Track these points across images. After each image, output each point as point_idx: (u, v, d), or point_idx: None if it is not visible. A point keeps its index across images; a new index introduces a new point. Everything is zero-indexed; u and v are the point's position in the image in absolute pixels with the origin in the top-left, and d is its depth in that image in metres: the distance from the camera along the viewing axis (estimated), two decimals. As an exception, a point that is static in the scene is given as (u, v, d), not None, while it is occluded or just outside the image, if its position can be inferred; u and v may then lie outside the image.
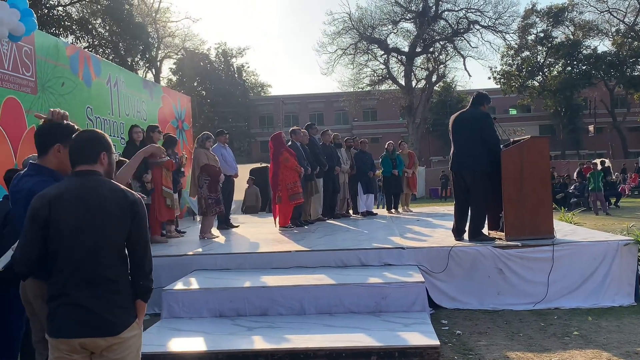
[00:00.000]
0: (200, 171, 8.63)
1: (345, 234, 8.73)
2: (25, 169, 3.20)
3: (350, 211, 12.44)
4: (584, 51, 45.24)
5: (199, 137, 9.02)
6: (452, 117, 7.29)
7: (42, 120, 3.18)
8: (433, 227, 9.24)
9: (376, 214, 12.46)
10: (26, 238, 2.64)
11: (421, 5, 42.61)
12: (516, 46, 46.12)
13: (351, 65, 43.94)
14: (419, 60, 44.96)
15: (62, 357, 2.60)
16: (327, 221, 10.90)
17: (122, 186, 2.78)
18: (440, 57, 44.17)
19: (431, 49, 43.83)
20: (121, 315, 2.64)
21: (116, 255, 2.66)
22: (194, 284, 6.03)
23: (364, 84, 44.69)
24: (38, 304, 2.85)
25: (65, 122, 3.21)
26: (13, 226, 3.09)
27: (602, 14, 46.13)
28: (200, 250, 7.40)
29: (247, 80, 56.26)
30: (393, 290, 5.58)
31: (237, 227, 10.18)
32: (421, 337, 4.69)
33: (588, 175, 19.23)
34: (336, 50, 43.65)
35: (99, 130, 2.88)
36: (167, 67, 50.36)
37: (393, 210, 12.91)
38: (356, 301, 5.59)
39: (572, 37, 45.74)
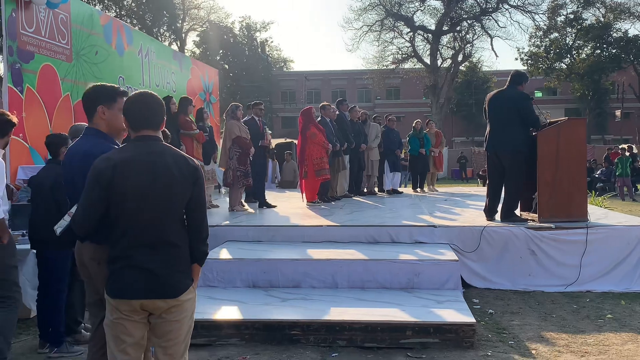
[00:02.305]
0: (232, 143, 8.63)
1: (373, 210, 8.75)
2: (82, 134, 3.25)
3: (376, 188, 12.44)
4: (615, 34, 44.30)
5: (229, 108, 8.87)
6: (489, 96, 7.22)
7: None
8: (463, 206, 9.23)
9: (402, 192, 12.46)
10: (88, 199, 2.68)
11: (450, -18, 41.96)
12: (545, 27, 45.27)
13: (376, 43, 43.56)
14: (445, 39, 44.38)
15: (121, 318, 2.66)
16: (353, 198, 10.93)
17: (183, 152, 2.81)
18: (467, 36, 43.54)
19: (458, 28, 43.21)
20: (181, 279, 2.69)
21: (177, 220, 2.71)
22: (228, 254, 6.11)
23: (389, 62, 44.26)
24: (94, 267, 2.91)
25: (109, 84, 3.25)
26: (68, 189, 3.14)
27: (634, -5, 45.09)
28: (231, 222, 7.46)
29: (270, 55, 56.08)
30: (426, 267, 5.61)
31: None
32: (456, 314, 4.72)
33: (616, 160, 19.00)
34: (362, 26, 43.28)
35: (155, 94, 2.87)
36: (191, 40, 50.28)
37: (419, 189, 12.90)
38: (389, 277, 5.63)
39: (602, 19, 44.77)
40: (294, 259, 5.85)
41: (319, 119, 9.85)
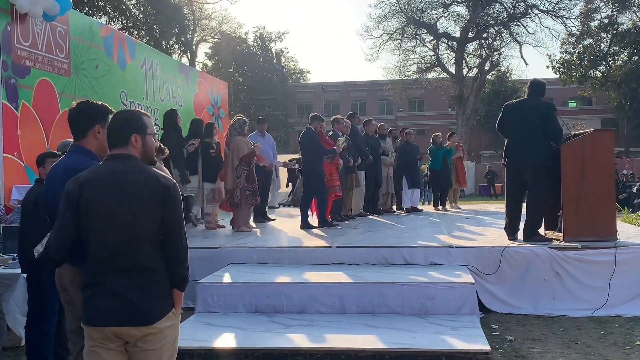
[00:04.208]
0: (240, 161, 8.67)
1: (388, 230, 8.73)
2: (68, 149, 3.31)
3: (394, 207, 12.41)
4: (653, 39, 43.93)
5: (235, 124, 8.90)
6: (508, 106, 7.19)
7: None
8: (484, 225, 9.17)
9: (422, 210, 12.42)
10: (61, 220, 2.74)
11: (475, -13, 42.02)
12: (578, 33, 44.99)
13: (397, 52, 43.61)
14: (471, 47, 44.31)
15: (97, 346, 2.68)
16: (369, 216, 10.91)
17: (157, 170, 2.81)
18: (495, 43, 43.39)
19: (485, 35, 43.12)
20: (157, 305, 2.70)
21: (151, 242, 2.71)
22: (230, 277, 6.12)
23: (411, 72, 44.27)
24: (74, 291, 2.94)
25: (99, 102, 3.30)
26: (48, 207, 3.19)
27: (673, -2, 44.75)
28: (235, 243, 7.48)
29: (286, 67, 56.51)
30: (440, 291, 5.56)
31: (273, 220, 10.27)
32: (470, 341, 4.66)
33: (655, 174, 18.76)
34: (382, 34, 43.35)
35: (138, 110, 2.91)
36: (202, 52, 50.91)
37: (440, 207, 12.84)
38: (401, 302, 5.59)
39: (639, 24, 44.45)
40: (299, 283, 5.85)
41: (331, 133, 9.87)
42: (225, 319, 5.52)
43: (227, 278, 6.12)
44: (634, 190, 20.70)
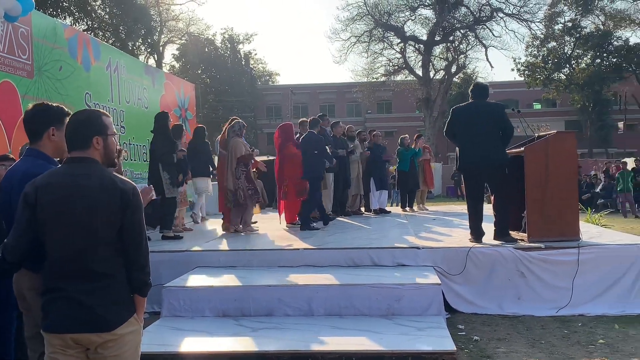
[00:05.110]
0: (237, 161, 8.73)
1: (356, 232, 8.74)
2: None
3: (363, 208, 12.44)
4: (615, 42, 44.82)
5: (235, 125, 9.05)
6: (457, 110, 7.23)
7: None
8: (451, 226, 9.24)
9: (390, 211, 12.46)
10: (18, 223, 2.68)
11: (441, -10, 42.43)
12: (542, 36, 45.72)
13: (365, 54, 43.91)
14: (437, 50, 44.76)
15: (56, 352, 2.62)
16: (338, 218, 10.91)
17: (116, 175, 2.75)
18: (461, 46, 43.93)
19: (451, 38, 43.60)
20: (117, 311, 2.65)
21: (110, 247, 2.66)
22: (197, 281, 6.07)
23: (379, 74, 44.59)
24: (32, 297, 2.88)
25: (54, 104, 3.24)
26: (4, 212, 3.12)
27: (634, 2, 45.68)
28: (203, 246, 7.43)
29: (255, 68, 56.32)
30: (407, 292, 5.59)
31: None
32: (436, 342, 4.69)
33: (617, 175, 19.12)
34: (350, 37, 43.58)
35: (97, 110, 2.85)
36: (169, 53, 50.49)
37: (408, 208, 12.91)
38: (368, 303, 5.60)
39: (602, 27, 45.31)
40: (267, 285, 5.82)
41: (298, 135, 9.85)
42: (192, 323, 5.47)
43: (193, 281, 6.06)
44: (597, 191, 21.10)
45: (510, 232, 7.13)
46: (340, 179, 11.07)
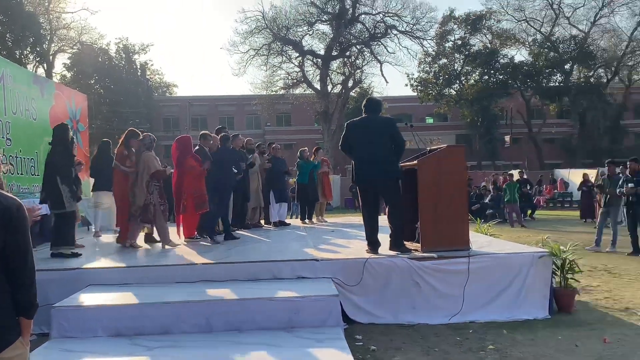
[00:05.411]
0: (151, 177, 8.55)
1: (256, 245, 8.71)
2: None
3: (262, 221, 12.41)
4: (501, 60, 47.42)
5: (145, 140, 8.92)
6: (352, 124, 7.42)
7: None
8: (349, 237, 9.38)
9: (289, 224, 12.50)
10: None
11: (338, 7, 43.32)
12: (434, 53, 47.69)
13: (264, 67, 44.09)
14: (335, 64, 45.69)
15: None
16: (237, 231, 10.81)
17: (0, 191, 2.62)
18: (357, 61, 45.03)
19: (348, 53, 44.61)
20: (1, 334, 2.51)
21: None
22: (88, 300, 5.82)
23: (278, 87, 44.87)
24: None
25: None
26: None
27: (519, 23, 48.66)
28: (94, 264, 7.14)
29: (151, 79, 55.07)
30: (306, 304, 5.62)
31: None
32: (334, 353, 4.74)
33: (504, 186, 20.12)
34: (248, 50, 43.66)
35: None
36: (60, 62, 48.46)
37: (307, 221, 12.99)
38: (267, 316, 5.59)
39: (489, 45, 47.82)
40: (162, 302, 5.67)
41: (197, 148, 9.70)
42: (83, 344, 5.24)
43: (85, 300, 5.81)
44: (486, 202, 22.10)
45: (405, 242, 7.33)
46: (240, 193, 11.00)
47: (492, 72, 47.36)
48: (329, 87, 44.90)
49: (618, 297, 7.68)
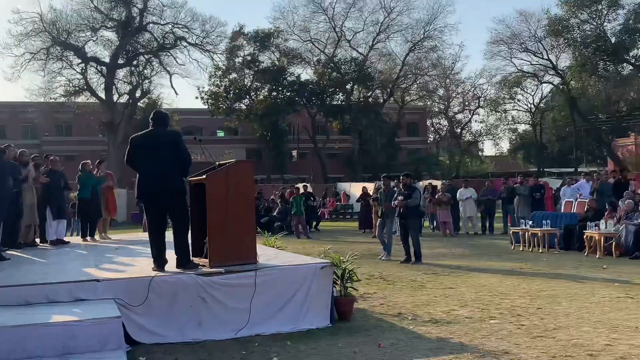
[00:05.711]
0: None
1: (30, 266, 8.04)
2: None
3: (38, 239, 11.51)
4: (289, 78, 49.27)
5: None
6: (136, 139, 7.22)
7: None
8: (134, 255, 9.04)
9: (69, 242, 11.76)
10: None
11: (124, 14, 41.91)
12: (224, 67, 48.13)
13: (42, 72, 41.18)
14: (121, 73, 44.18)
15: None
16: (8, 252, 9.90)
17: None
18: (145, 71, 43.96)
19: (135, 62, 43.37)
20: None
21: None
22: None
23: (58, 95, 42.18)
24: None
25: None
26: None
27: (305, 43, 51.00)
28: None
29: None
30: (84, 328, 5.30)
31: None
32: (116, 378, 4.52)
33: (291, 199, 20.80)
34: (24, 53, 40.48)
35: None
36: None
37: (89, 238, 12.31)
38: (41, 344, 5.17)
39: (277, 63, 49.41)
40: None
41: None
42: None
43: None
44: (275, 214, 22.68)
45: (194, 258, 7.24)
46: (12, 210, 10.09)
47: (280, 88, 48.99)
48: (115, 97, 43.22)
49: (392, 303, 8.29)
